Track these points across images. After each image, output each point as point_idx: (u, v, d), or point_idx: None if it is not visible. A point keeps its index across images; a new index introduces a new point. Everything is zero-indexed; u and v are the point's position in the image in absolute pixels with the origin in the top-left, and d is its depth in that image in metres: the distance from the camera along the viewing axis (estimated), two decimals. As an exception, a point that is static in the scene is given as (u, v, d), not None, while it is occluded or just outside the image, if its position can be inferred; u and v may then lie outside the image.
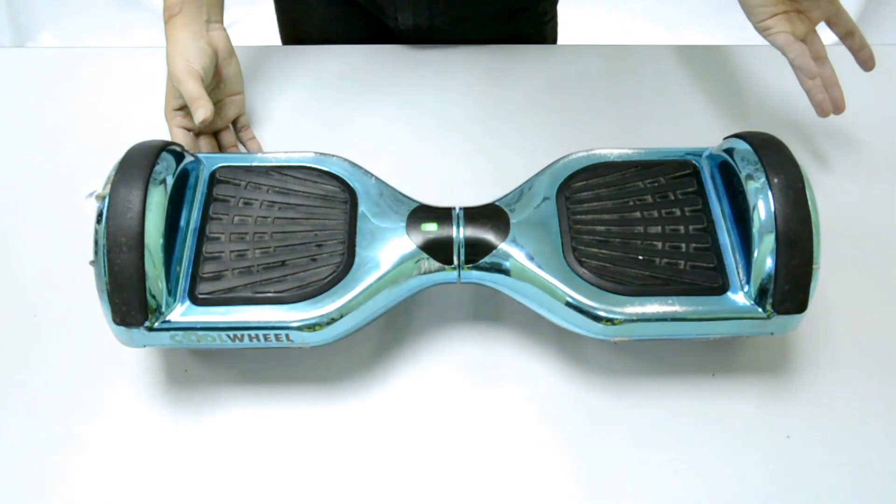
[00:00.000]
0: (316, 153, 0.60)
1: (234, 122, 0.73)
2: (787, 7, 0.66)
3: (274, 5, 0.93)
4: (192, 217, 0.56)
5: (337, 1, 0.86)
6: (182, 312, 0.51)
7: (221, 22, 0.71)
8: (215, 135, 0.71)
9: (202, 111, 0.63)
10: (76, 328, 0.60)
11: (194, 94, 0.64)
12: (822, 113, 0.67)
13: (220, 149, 0.71)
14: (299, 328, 0.51)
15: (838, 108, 0.67)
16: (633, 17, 1.88)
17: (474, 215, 0.56)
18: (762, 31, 0.67)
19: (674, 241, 0.55)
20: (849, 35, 0.68)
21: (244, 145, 0.72)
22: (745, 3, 0.67)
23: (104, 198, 0.50)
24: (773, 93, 0.78)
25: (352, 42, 0.84)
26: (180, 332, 0.51)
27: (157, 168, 0.52)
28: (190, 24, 0.67)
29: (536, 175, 0.60)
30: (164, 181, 0.52)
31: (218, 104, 0.70)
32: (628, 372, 0.58)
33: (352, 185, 0.58)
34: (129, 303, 0.49)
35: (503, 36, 0.85)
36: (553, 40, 0.96)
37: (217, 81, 0.70)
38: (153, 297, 0.50)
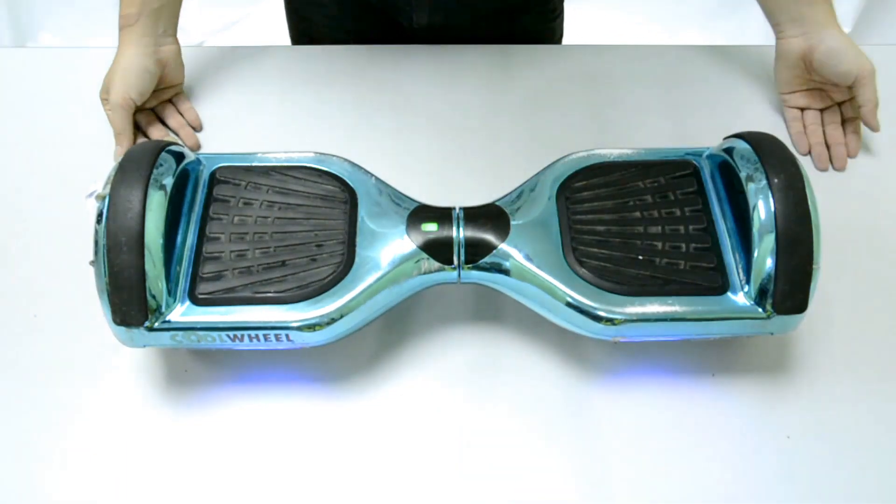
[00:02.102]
0: (316, 153, 0.60)
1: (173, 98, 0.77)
2: (810, 85, 0.73)
3: (284, 3, 0.93)
4: (192, 217, 0.56)
5: (348, 1, 0.86)
6: (182, 312, 0.51)
7: (175, 34, 0.73)
8: (153, 109, 0.75)
9: (120, 149, 0.70)
10: (76, 328, 0.60)
11: (118, 128, 0.70)
12: (819, 165, 0.72)
13: (160, 118, 0.75)
14: (299, 328, 0.51)
15: (836, 162, 0.72)
16: (633, 17, 1.88)
17: (474, 215, 0.56)
18: (782, 99, 0.75)
19: (674, 241, 0.55)
20: (850, 121, 0.73)
21: (182, 115, 0.75)
22: (776, 74, 0.75)
23: (104, 198, 0.50)
24: (773, 93, 0.78)
25: (361, 40, 0.84)
26: (180, 332, 0.51)
27: (158, 168, 0.52)
28: (143, 38, 0.70)
29: (536, 175, 0.60)
30: (164, 181, 0.52)
31: (157, 91, 0.73)
32: (628, 372, 0.58)
33: (352, 185, 0.58)
34: (129, 303, 0.49)
35: (515, 32, 0.85)
36: (560, 35, 0.96)
37: (160, 82, 0.73)
38: (153, 297, 0.50)
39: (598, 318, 0.52)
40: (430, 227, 0.55)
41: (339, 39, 0.88)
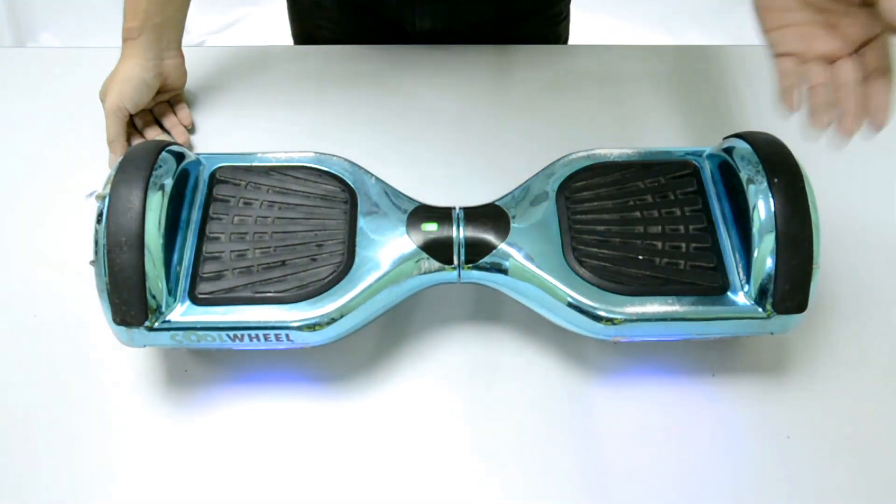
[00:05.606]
0: (316, 153, 0.60)
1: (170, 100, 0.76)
2: (808, 19, 0.50)
3: (287, 6, 0.93)
4: (192, 217, 0.56)
5: (351, 5, 0.86)
6: (182, 312, 0.51)
7: (178, 47, 0.73)
8: (151, 110, 0.75)
9: (113, 157, 0.70)
10: (76, 328, 0.60)
11: (111, 136, 0.69)
12: (814, 123, 0.51)
13: (156, 118, 0.75)
14: (299, 328, 0.51)
15: (843, 130, 0.50)
16: (633, 18, 1.88)
17: (474, 215, 0.56)
18: (768, 44, 0.52)
19: (674, 240, 0.55)
20: (876, 73, 0.49)
21: (175, 115, 0.75)
22: (756, 2, 0.54)
23: (104, 198, 0.50)
24: (773, 93, 0.78)
25: (364, 43, 0.84)
26: (180, 332, 0.51)
27: (158, 168, 0.52)
28: (145, 52, 0.69)
29: (536, 175, 0.60)
30: (164, 181, 0.52)
31: (156, 94, 0.73)
32: (628, 372, 0.58)
33: (352, 185, 0.58)
34: (129, 303, 0.49)
35: (519, 36, 0.85)
36: (566, 38, 0.96)
37: (160, 88, 0.73)
38: (153, 297, 0.50)
39: (598, 318, 0.52)
40: (430, 227, 0.55)
41: (340, 43, 0.87)
